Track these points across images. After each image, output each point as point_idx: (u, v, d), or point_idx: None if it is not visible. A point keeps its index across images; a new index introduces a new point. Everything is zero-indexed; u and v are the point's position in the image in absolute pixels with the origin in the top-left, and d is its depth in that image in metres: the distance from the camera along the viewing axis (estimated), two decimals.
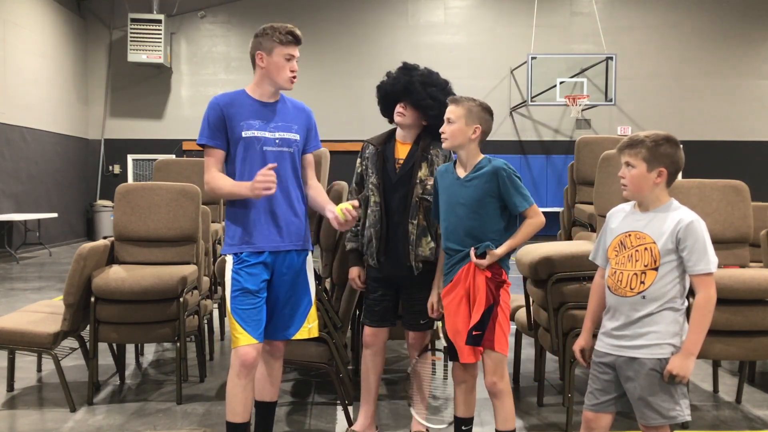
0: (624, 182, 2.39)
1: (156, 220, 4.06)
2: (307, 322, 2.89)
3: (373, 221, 3.08)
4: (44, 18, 12.69)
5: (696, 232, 2.26)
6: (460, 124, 2.75)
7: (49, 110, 12.75)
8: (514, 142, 14.13)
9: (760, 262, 3.87)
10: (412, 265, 3.03)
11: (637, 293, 2.31)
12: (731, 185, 3.69)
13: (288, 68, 2.80)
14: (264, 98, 2.86)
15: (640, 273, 2.31)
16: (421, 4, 14.52)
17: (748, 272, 3.31)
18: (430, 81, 3.08)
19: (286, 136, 2.85)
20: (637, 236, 2.35)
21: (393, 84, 3.11)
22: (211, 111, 2.81)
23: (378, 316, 3.16)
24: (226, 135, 2.80)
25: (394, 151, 3.13)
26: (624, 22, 14.25)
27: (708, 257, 2.26)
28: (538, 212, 2.73)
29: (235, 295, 2.74)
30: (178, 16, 14.22)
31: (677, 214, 2.32)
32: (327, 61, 13.97)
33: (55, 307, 4.00)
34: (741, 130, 14.36)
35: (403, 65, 3.17)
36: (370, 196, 3.09)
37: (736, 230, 3.62)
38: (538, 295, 3.48)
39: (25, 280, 8.67)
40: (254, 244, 2.78)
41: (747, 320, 3.23)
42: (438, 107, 3.01)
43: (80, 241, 13.42)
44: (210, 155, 2.83)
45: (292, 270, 2.85)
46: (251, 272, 2.75)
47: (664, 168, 2.33)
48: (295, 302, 2.87)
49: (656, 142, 2.32)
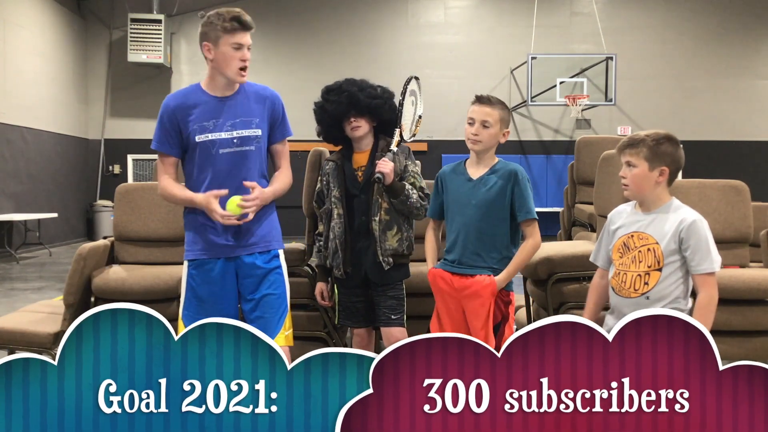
0: (625, 182, 2.38)
1: (156, 220, 4.05)
2: (284, 329, 2.71)
3: (338, 233, 3.08)
4: (44, 18, 12.68)
5: (699, 232, 2.26)
6: (495, 128, 2.70)
7: (49, 110, 12.74)
8: (514, 142, 14.12)
9: (760, 262, 3.87)
10: (381, 260, 3.02)
11: (641, 294, 2.31)
12: (731, 185, 3.69)
13: (237, 58, 2.57)
14: (218, 92, 2.67)
15: (644, 274, 2.31)
16: (421, 4, 14.52)
17: (748, 272, 3.31)
18: (361, 86, 3.09)
19: (246, 133, 2.65)
20: (640, 237, 2.35)
21: (337, 105, 3.06)
22: (164, 114, 2.65)
23: (361, 316, 3.16)
24: (180, 139, 2.65)
25: (352, 161, 3.14)
26: (624, 22, 14.24)
27: (711, 257, 2.26)
28: (537, 231, 2.69)
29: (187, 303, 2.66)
30: (178, 16, 14.21)
31: (680, 213, 2.31)
32: (326, 61, 13.95)
33: (55, 307, 4.00)
34: (741, 130, 14.35)
35: (326, 89, 3.15)
36: (333, 209, 3.09)
37: (736, 230, 3.63)
38: (538, 295, 3.48)
39: (25, 280, 8.67)
40: (209, 249, 2.66)
41: (747, 320, 3.23)
42: (385, 100, 3.07)
43: (80, 241, 13.42)
44: (161, 161, 2.69)
45: (256, 273, 2.69)
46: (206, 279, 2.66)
47: (665, 167, 2.33)
48: (267, 308, 2.68)
49: (657, 141, 2.32)
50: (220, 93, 2.68)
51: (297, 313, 3.79)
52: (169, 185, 2.69)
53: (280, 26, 13.67)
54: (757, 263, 3.92)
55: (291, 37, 13.80)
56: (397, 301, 3.10)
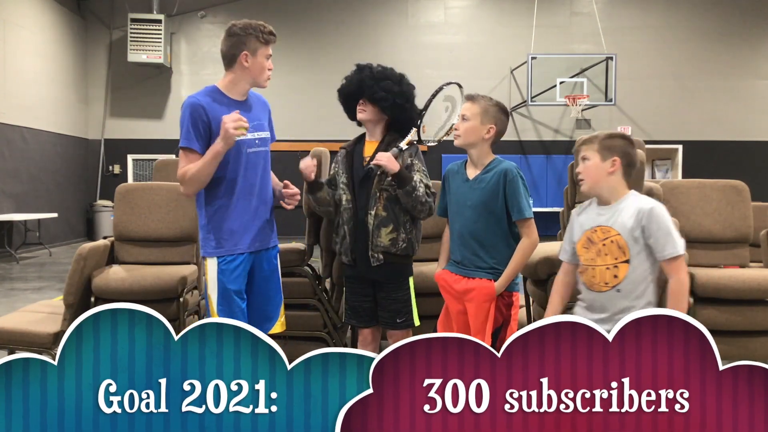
0: (581, 176, 2.43)
1: (156, 220, 4.06)
2: (281, 315, 3.01)
3: (347, 218, 3.09)
4: (44, 18, 12.69)
5: (659, 217, 2.28)
6: (474, 122, 2.71)
7: (49, 110, 12.74)
8: (514, 142, 14.12)
9: (760, 262, 3.87)
10: (370, 255, 3.00)
11: (612, 287, 2.33)
12: (731, 185, 3.70)
13: (267, 68, 2.82)
14: (238, 96, 2.82)
15: (612, 267, 2.34)
16: (421, 4, 14.52)
17: (748, 272, 3.32)
18: (383, 76, 3.10)
19: (262, 135, 2.87)
20: (603, 230, 2.38)
21: (348, 85, 3.14)
22: (193, 112, 2.69)
23: (366, 317, 3.15)
24: (209, 139, 2.70)
25: (363, 150, 3.16)
26: (624, 22, 14.24)
27: (674, 239, 2.27)
28: (532, 230, 2.66)
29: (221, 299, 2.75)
30: (178, 16, 14.21)
31: (637, 203, 2.35)
32: (326, 61, 13.95)
33: (55, 307, 4.00)
34: (741, 130, 14.35)
35: (357, 66, 3.18)
36: (342, 195, 3.11)
37: (736, 230, 3.63)
38: (538, 295, 3.48)
39: (25, 280, 8.67)
40: (239, 245, 2.78)
41: (747, 320, 3.23)
42: (392, 98, 3.05)
43: (80, 241, 13.42)
44: (186, 157, 2.72)
45: (270, 267, 2.91)
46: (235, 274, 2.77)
47: (617, 157, 2.37)
48: (272, 297, 2.94)
49: (609, 136, 2.43)
50: (239, 97, 2.83)
51: (297, 313, 3.79)
52: (190, 167, 2.69)
53: (280, 26, 13.63)
54: (757, 263, 3.93)
55: (291, 37, 13.80)
56: (401, 304, 3.06)
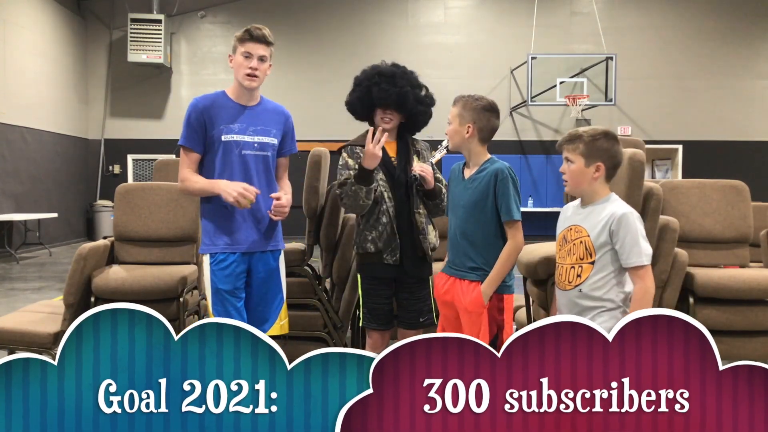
0: (565, 177, 2.43)
1: (156, 220, 4.06)
2: (279, 319, 3.01)
3: (392, 217, 3.03)
4: (44, 18, 12.68)
5: (629, 225, 2.27)
6: (454, 124, 2.77)
7: (49, 110, 12.74)
8: (514, 142, 14.12)
9: (760, 262, 3.87)
10: (427, 254, 3.06)
11: (575, 286, 2.33)
12: (731, 185, 3.70)
13: (245, 65, 2.81)
14: (243, 101, 2.90)
15: (576, 266, 2.34)
16: (421, 4, 14.52)
17: (748, 272, 3.32)
18: (413, 83, 3.11)
19: (265, 140, 2.90)
20: (576, 230, 2.39)
21: (385, 96, 3.05)
22: (192, 113, 2.84)
23: (385, 319, 3.12)
24: (205, 138, 2.84)
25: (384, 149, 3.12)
26: (624, 22, 14.24)
27: (640, 249, 2.26)
28: (518, 233, 2.62)
29: (214, 297, 2.82)
30: (178, 16, 14.21)
31: (611, 207, 2.34)
32: (326, 61, 13.96)
33: (55, 307, 4.00)
34: (741, 130, 14.35)
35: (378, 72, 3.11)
36: (383, 192, 3.04)
37: (736, 230, 3.63)
38: (538, 295, 3.48)
39: (25, 280, 8.67)
40: (232, 245, 2.84)
41: (747, 320, 3.23)
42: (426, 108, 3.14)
43: (80, 241, 13.42)
44: (186, 156, 2.87)
45: (267, 269, 2.93)
46: (226, 273, 2.82)
47: (601, 162, 2.36)
48: (269, 300, 2.95)
49: (593, 137, 2.37)
50: (244, 102, 2.91)
51: (297, 313, 3.79)
52: (191, 174, 2.87)
53: (281, 27, 13.66)
54: (757, 263, 3.92)
55: (291, 37, 13.80)
56: (423, 303, 3.10)
